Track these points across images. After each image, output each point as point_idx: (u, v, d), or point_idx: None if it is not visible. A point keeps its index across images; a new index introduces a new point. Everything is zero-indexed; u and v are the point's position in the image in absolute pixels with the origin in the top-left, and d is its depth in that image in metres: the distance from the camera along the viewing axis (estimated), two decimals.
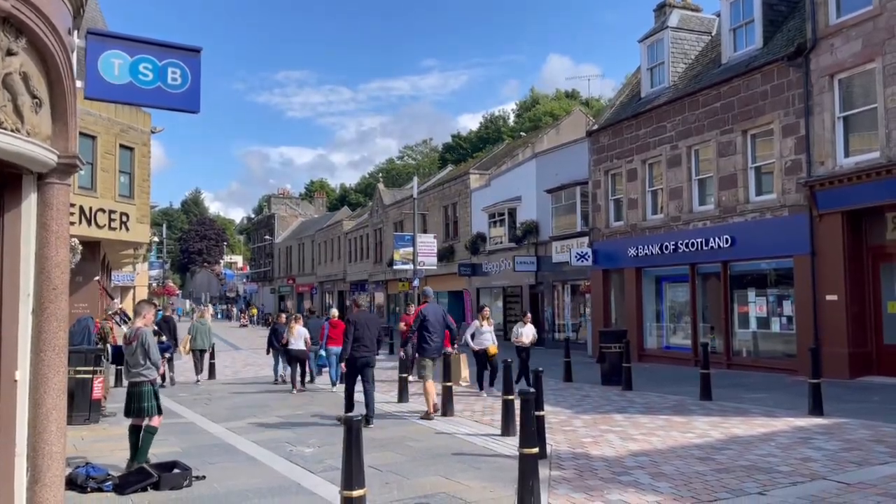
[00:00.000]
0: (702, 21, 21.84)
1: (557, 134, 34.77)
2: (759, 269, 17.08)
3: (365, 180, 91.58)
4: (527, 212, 28.30)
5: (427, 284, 27.86)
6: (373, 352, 10.44)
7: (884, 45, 13.57)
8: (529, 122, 62.94)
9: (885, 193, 13.54)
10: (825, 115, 14.79)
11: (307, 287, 61.12)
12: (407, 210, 37.02)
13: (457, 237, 34.79)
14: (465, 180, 34.46)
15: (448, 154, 73.52)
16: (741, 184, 17.01)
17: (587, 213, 23.38)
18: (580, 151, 24.03)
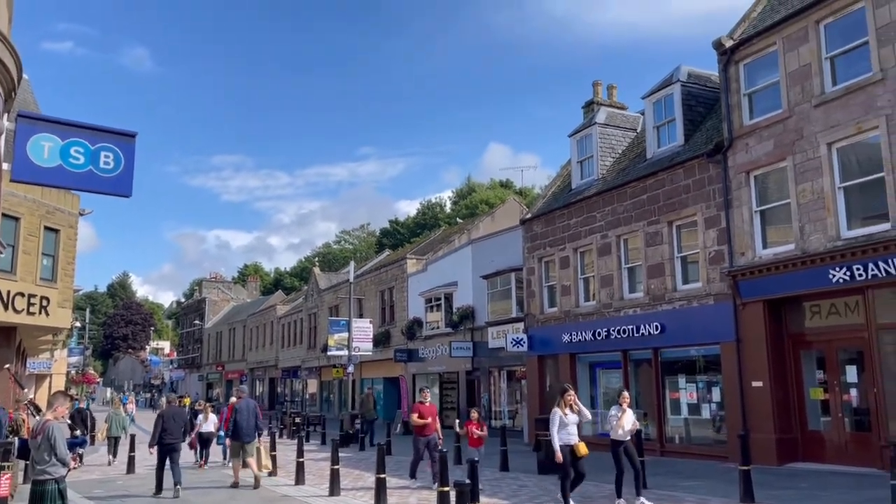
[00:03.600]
0: (627, 118, 23.08)
1: (493, 221, 35.52)
2: (688, 356, 17.50)
3: (301, 264, 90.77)
4: (463, 297, 28.45)
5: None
6: (178, 439, 13.26)
7: (794, 145, 14.57)
8: (466, 209, 64.21)
9: (801, 283, 14.22)
10: (743, 208, 15.63)
11: (237, 374, 59.16)
12: (343, 294, 36.73)
13: (393, 322, 34.57)
14: (402, 265, 34.58)
15: (385, 239, 73.96)
16: (669, 272, 17.62)
17: (522, 299, 23.68)
18: (515, 239, 24.55)
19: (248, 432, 13.98)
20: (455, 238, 35.70)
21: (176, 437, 13.19)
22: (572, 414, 10.62)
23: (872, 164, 13.24)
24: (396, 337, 33.53)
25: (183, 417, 14.03)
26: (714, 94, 18.24)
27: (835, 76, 14.10)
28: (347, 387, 29.17)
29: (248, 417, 14.01)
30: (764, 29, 15.37)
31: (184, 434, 14.03)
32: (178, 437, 13.28)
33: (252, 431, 14.04)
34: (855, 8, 13.65)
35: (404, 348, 31.91)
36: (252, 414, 14.10)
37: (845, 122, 13.59)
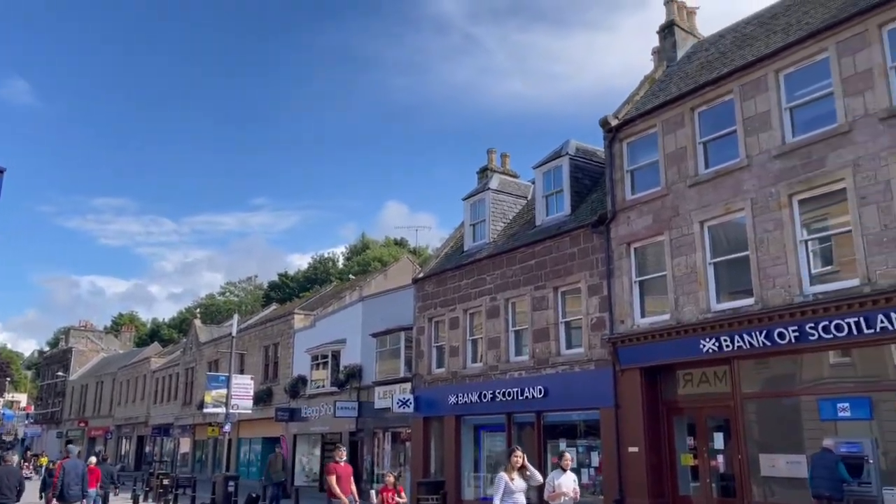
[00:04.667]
0: (519, 186, 23.91)
1: (385, 279, 35.45)
2: (570, 420, 17.85)
3: (181, 315, 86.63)
4: (351, 355, 27.96)
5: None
6: (11, 498, 13.41)
7: (670, 221, 15.51)
8: (359, 265, 63.82)
9: (675, 352, 14.94)
10: (624, 278, 16.37)
11: (101, 431, 55.05)
12: (224, 348, 35.21)
13: (276, 379, 33.39)
14: (290, 320, 33.69)
15: (274, 292, 72.00)
16: (553, 337, 18.07)
17: (411, 358, 23.55)
18: (406, 297, 24.53)
19: (75, 494, 14.59)
20: (346, 294, 35.30)
21: (9, 497, 13.39)
22: (520, 479, 9.25)
23: (739, 242, 14.27)
24: (279, 395, 32.37)
25: (17, 476, 13.98)
26: (600, 169, 19.23)
27: (707, 160, 15.23)
28: (223, 446, 27.65)
29: (74, 479, 14.60)
30: (645, 112, 16.49)
31: (18, 494, 13.87)
32: (10, 497, 13.44)
33: (79, 493, 14.68)
34: (725, 99, 14.91)
35: (286, 407, 30.82)
36: (79, 475, 14.72)
37: (716, 203, 14.64)
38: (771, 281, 13.42)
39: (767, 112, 13.97)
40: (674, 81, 17.40)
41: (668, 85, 17.51)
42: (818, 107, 13.37)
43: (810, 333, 12.54)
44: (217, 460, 36.09)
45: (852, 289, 12.16)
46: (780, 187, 13.47)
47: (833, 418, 12.57)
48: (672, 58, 18.97)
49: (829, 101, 13.10)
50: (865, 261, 12.05)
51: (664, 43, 19.32)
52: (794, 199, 13.35)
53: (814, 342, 12.61)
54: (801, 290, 12.91)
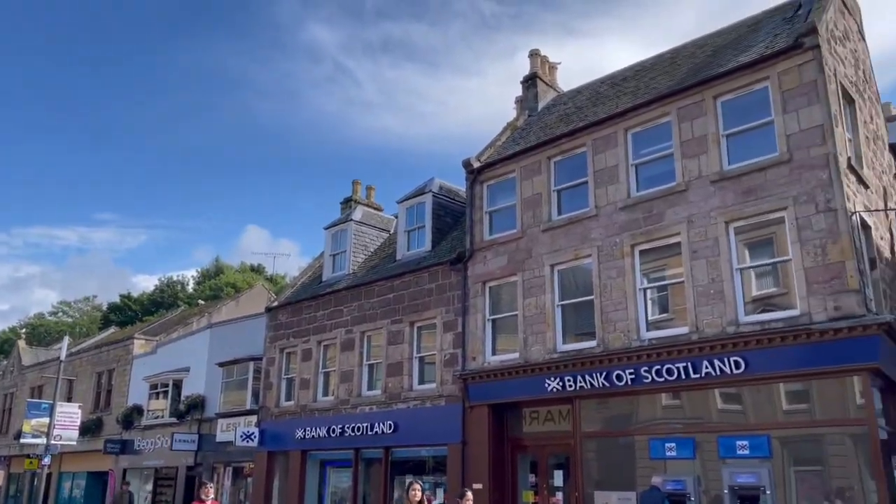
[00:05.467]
0: (382, 219, 23.98)
1: (237, 306, 34.12)
2: (419, 456, 17.83)
3: (4, 335, 78.64)
4: (195, 385, 26.50)
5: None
6: None
7: (524, 263, 16.09)
8: (210, 290, 60.95)
9: (522, 390, 15.38)
10: (478, 315, 16.73)
11: None
12: (51, 373, 32.24)
13: (108, 409, 30.94)
14: (129, 345, 31.47)
15: (114, 315, 67.00)
16: (406, 372, 18.07)
17: (258, 390, 22.67)
18: (258, 326, 23.69)
19: None
20: (194, 320, 33.58)
21: None
22: None
23: (586, 287, 15.03)
24: (110, 425, 29.99)
25: None
26: (461, 208, 19.68)
27: (560, 207, 16.01)
28: (41, 481, 25.13)
29: None
30: (506, 157, 17.14)
31: None
32: None
33: None
34: (579, 151, 15.80)
35: (118, 439, 28.61)
36: None
37: (566, 248, 15.37)
38: (612, 325, 14.21)
39: (616, 166, 14.94)
40: (534, 130, 18.24)
41: (528, 133, 18.33)
42: (660, 165, 14.47)
43: (644, 376, 13.36)
44: (33, 496, 32.66)
45: (682, 336, 13.12)
46: (624, 237, 14.38)
47: (662, 457, 13.37)
48: (533, 108, 19.92)
49: (669, 161, 14.22)
50: (695, 310, 13.06)
51: (527, 93, 20.29)
52: (636, 250, 14.28)
53: (648, 385, 13.43)
54: (638, 335, 13.76)
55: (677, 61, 16.64)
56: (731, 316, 12.58)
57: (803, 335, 11.57)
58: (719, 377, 12.54)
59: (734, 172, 13.12)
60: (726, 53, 14.92)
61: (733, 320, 12.53)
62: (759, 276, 13.07)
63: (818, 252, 11.82)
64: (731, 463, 12.49)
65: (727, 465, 12.52)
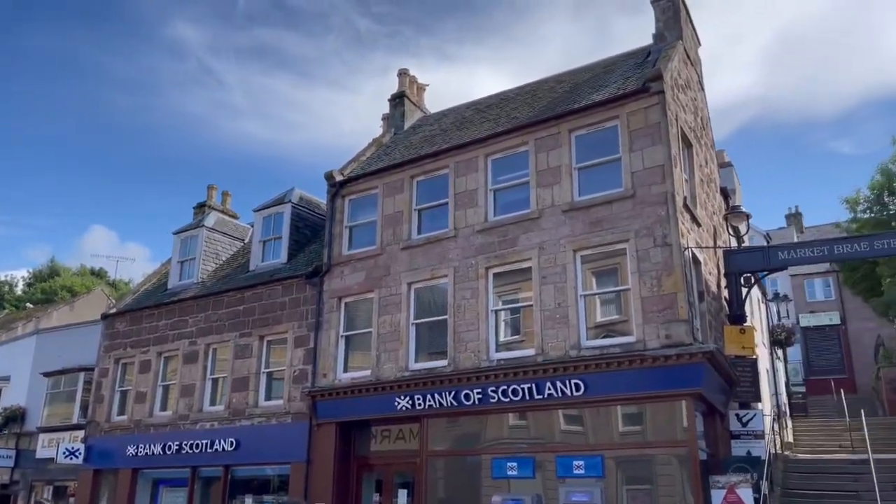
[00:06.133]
0: (237, 227, 23.10)
1: (71, 311, 31.56)
2: (263, 475, 17.17)
3: None
4: (16, 395, 24.13)
5: None
6: None
7: (381, 280, 16.02)
8: (42, 293, 55.98)
9: (372, 408, 15.23)
10: (332, 331, 16.44)
11: None
12: None
13: None
14: None
15: None
16: (253, 387, 17.40)
17: (88, 403, 20.97)
18: (93, 334, 21.96)
19: None
20: (19, 325, 30.65)
21: None
22: None
23: (440, 306, 15.17)
24: None
25: None
26: (321, 221, 19.33)
27: (420, 226, 16.13)
28: None
29: None
30: (369, 172, 17.07)
31: None
32: None
33: None
34: (441, 173, 16.02)
35: None
36: None
37: (424, 267, 15.48)
38: (464, 345, 14.42)
39: (475, 190, 15.27)
40: (398, 149, 18.32)
41: (393, 151, 18.38)
42: (517, 192, 14.96)
43: (492, 396, 13.64)
44: None
45: (528, 357, 13.54)
46: (479, 260, 14.69)
47: (504, 476, 13.66)
48: (400, 126, 20.03)
49: (525, 189, 14.73)
50: (541, 333, 13.53)
51: (394, 111, 20.38)
52: (490, 272, 14.62)
53: (494, 404, 13.71)
54: (488, 356, 14.05)
55: (538, 94, 17.34)
56: (574, 340, 13.14)
57: (637, 360, 12.28)
58: (561, 399, 13.03)
59: (584, 204, 13.79)
60: (583, 90, 15.74)
61: (576, 344, 13.10)
62: (605, 304, 13.78)
63: (654, 283, 12.63)
64: (568, 482, 12.96)
65: (564, 485, 12.98)
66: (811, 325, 38.39)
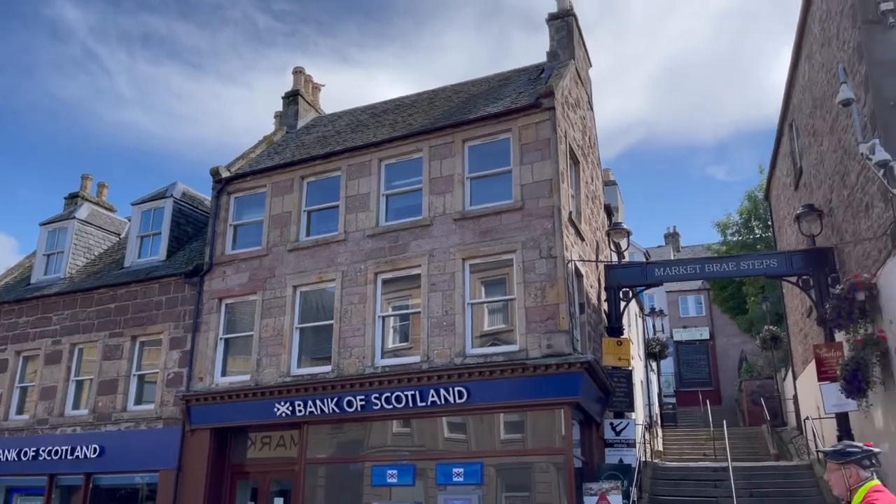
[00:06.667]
0: (113, 221, 21.79)
1: None
2: (131, 483, 16.17)
3: None
4: None
5: None
6: None
7: (266, 282, 15.54)
8: None
9: (250, 414, 14.70)
10: (210, 334, 15.76)
11: None
12: None
13: None
14: None
15: None
16: (122, 390, 16.42)
17: None
18: None
19: None
20: None
21: None
22: None
23: (327, 311, 14.88)
24: None
25: None
26: (204, 218, 18.56)
27: (309, 228, 15.79)
28: None
29: None
30: (258, 170, 16.55)
31: None
32: None
33: None
34: (333, 175, 15.75)
35: None
36: None
37: (311, 270, 15.14)
38: (349, 351, 14.19)
39: (368, 194, 15.11)
40: (290, 148, 17.89)
41: (284, 150, 17.92)
42: (409, 199, 14.93)
43: (375, 403, 13.48)
44: None
45: (413, 365, 13.50)
46: (369, 265, 14.53)
47: (384, 484, 13.51)
48: (293, 125, 19.58)
49: (418, 196, 14.72)
50: (427, 340, 13.52)
51: (287, 109, 19.90)
52: (379, 277, 14.49)
53: (377, 411, 13.56)
54: (372, 362, 13.89)
55: (435, 102, 17.42)
56: (459, 347, 13.22)
57: (519, 369, 12.49)
58: (444, 406, 13.05)
59: (474, 213, 13.94)
60: (478, 102, 15.94)
61: (461, 352, 13.18)
62: (493, 313, 13.96)
63: (538, 294, 12.91)
64: (449, 490, 12.98)
65: (444, 492, 13.00)
66: (683, 339, 40.58)
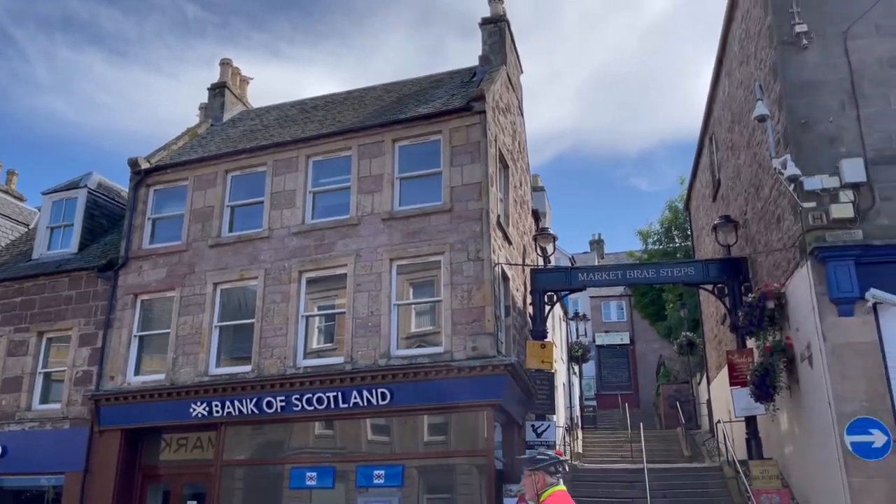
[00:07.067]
0: (21, 210, 20.72)
1: None
2: (36, 486, 15.30)
3: None
4: None
5: None
6: None
7: (185, 278, 15.01)
8: None
9: (164, 415, 14.15)
10: (124, 331, 15.12)
11: None
12: None
13: None
14: None
15: None
16: (27, 388, 15.57)
17: None
18: None
19: None
20: None
21: None
22: None
23: (248, 309, 14.50)
24: None
25: None
26: (121, 210, 17.79)
27: (232, 224, 15.36)
28: None
29: None
30: (179, 163, 16.01)
31: None
32: None
33: None
34: (259, 170, 15.37)
35: None
36: None
37: (233, 267, 14.72)
38: (270, 351, 13.86)
39: (294, 191, 14.81)
40: (215, 141, 17.37)
41: (208, 142, 17.39)
42: (337, 197, 14.71)
43: (296, 404, 13.20)
44: None
45: (337, 365, 13.29)
46: (293, 263, 14.23)
47: (302, 486, 13.24)
48: (219, 117, 19.03)
49: (346, 194, 14.52)
50: (352, 341, 13.34)
51: (213, 101, 19.35)
52: (304, 276, 14.21)
53: (298, 413, 13.28)
54: (294, 363, 13.61)
55: (366, 100, 17.25)
56: (384, 349, 13.10)
57: (444, 371, 12.47)
58: (367, 408, 12.90)
59: (403, 214, 13.85)
60: (409, 102, 15.86)
61: (386, 353, 13.06)
62: (420, 314, 13.89)
63: (465, 296, 12.93)
64: (370, 492, 12.83)
65: (363, 495, 12.84)
66: (605, 343, 41.59)
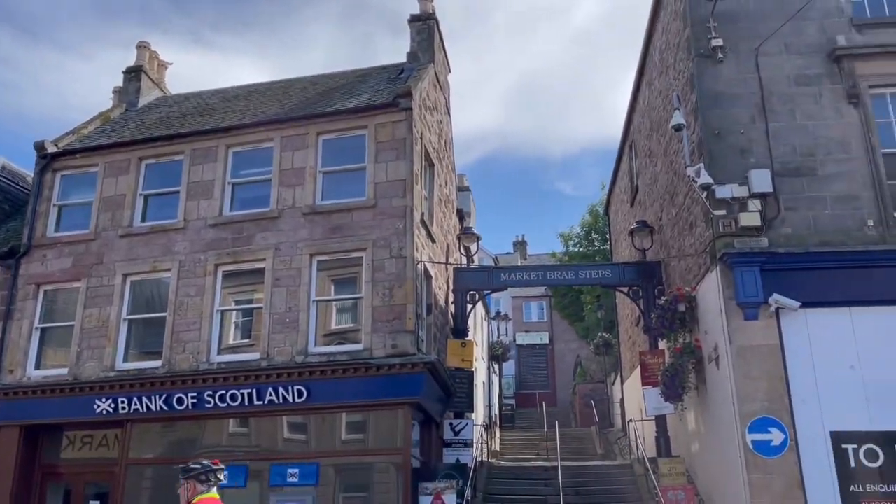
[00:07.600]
0: None
1: None
2: None
3: None
4: None
5: None
6: None
7: (92, 268, 14.34)
8: None
9: (66, 411, 13.49)
10: (24, 322, 14.33)
11: None
12: None
13: None
14: None
15: None
16: None
17: None
18: None
19: None
20: None
21: None
22: None
23: (160, 302, 13.98)
24: None
25: None
26: (26, 196, 16.84)
27: (145, 213, 14.78)
28: None
29: None
30: (90, 147, 15.30)
31: None
32: None
33: None
34: (175, 158, 14.85)
35: None
36: None
37: (145, 258, 14.16)
38: (182, 346, 13.41)
39: (212, 182, 14.36)
40: (129, 126, 16.67)
41: (122, 128, 16.68)
42: (257, 189, 14.35)
43: (208, 401, 12.81)
44: None
45: (252, 362, 12.97)
46: (209, 256, 13.80)
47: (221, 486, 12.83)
48: (133, 102, 18.27)
49: (266, 186, 14.18)
50: (268, 337, 13.05)
51: (128, 85, 18.56)
52: (220, 270, 13.81)
53: (210, 410, 12.89)
54: (207, 358, 13.20)
55: (290, 92, 16.91)
56: (301, 345, 12.86)
57: (362, 369, 12.35)
58: (283, 405, 12.64)
59: (325, 208, 13.64)
60: (335, 96, 15.64)
61: (303, 350, 12.83)
62: (341, 312, 13.70)
63: (386, 293, 12.84)
64: (285, 491, 12.58)
65: (277, 494, 12.58)
66: (525, 343, 42.19)
